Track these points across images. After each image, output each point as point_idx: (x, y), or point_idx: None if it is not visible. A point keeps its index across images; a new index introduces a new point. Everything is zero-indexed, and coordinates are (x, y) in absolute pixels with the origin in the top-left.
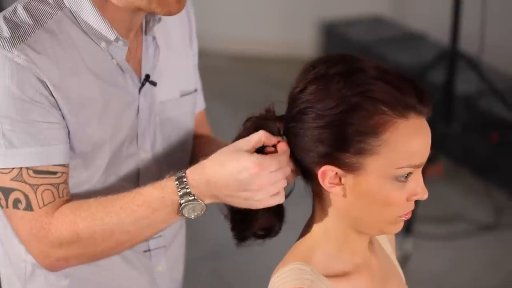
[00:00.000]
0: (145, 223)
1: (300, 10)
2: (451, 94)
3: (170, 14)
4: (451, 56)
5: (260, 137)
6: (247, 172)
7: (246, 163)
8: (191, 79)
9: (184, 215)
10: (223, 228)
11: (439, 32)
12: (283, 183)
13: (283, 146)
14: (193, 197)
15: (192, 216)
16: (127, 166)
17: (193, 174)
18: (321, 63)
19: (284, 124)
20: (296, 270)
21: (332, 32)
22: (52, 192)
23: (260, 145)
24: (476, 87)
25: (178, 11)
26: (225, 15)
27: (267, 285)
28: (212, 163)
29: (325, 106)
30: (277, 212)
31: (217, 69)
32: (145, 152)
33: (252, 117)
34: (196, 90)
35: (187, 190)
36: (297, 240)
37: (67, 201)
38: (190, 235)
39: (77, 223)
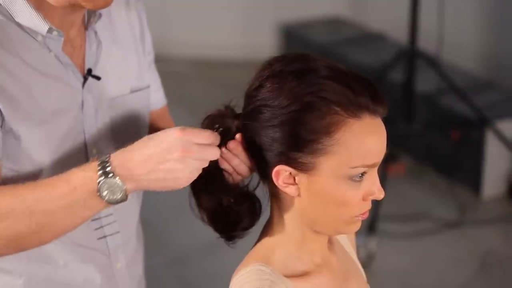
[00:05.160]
0: (65, 203)
1: (259, 13)
2: (411, 93)
3: (94, 8)
4: (410, 55)
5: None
6: (170, 137)
7: (170, 131)
8: (143, 75)
9: (103, 197)
10: (186, 234)
11: (398, 31)
12: (205, 163)
13: (234, 144)
14: (112, 176)
15: (111, 199)
16: (76, 163)
17: (116, 153)
18: (278, 61)
19: (241, 121)
20: (256, 271)
21: (291, 34)
22: None
23: None
24: (436, 85)
25: (103, 5)
26: (184, 20)
27: None
28: (140, 141)
29: (279, 104)
30: (254, 209)
31: (178, 74)
32: (95, 148)
33: (210, 115)
34: (148, 87)
35: (107, 169)
36: (257, 241)
37: None
38: (153, 241)
39: None
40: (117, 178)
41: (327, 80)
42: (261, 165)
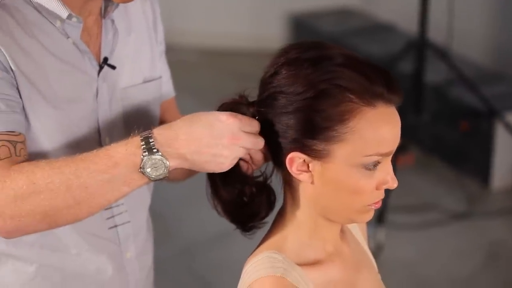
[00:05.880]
0: (105, 178)
1: (268, 3)
2: (420, 84)
3: (123, 1)
4: (420, 46)
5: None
6: (221, 123)
7: (220, 116)
8: (156, 66)
9: (145, 173)
10: (195, 224)
11: (408, 22)
12: (245, 151)
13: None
14: (156, 152)
15: (154, 175)
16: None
17: (159, 130)
18: (293, 48)
19: (256, 108)
20: (269, 258)
21: (300, 24)
22: (9, 149)
23: None
24: (445, 76)
25: None
26: (194, 9)
27: None
28: (183, 120)
29: (294, 91)
30: (270, 199)
31: (186, 63)
32: (109, 137)
33: (225, 102)
34: (160, 77)
35: (151, 145)
36: (269, 229)
37: (24, 161)
38: (161, 231)
39: (34, 172)
40: (161, 154)
41: (342, 68)
42: (276, 152)
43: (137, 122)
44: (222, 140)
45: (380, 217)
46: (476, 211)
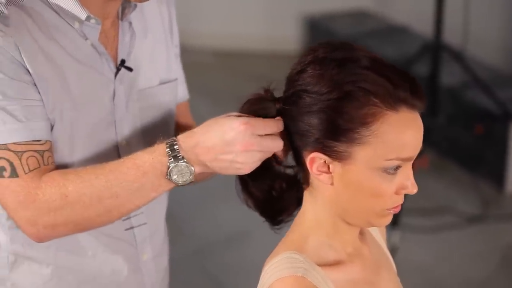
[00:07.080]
0: (134, 187)
1: (283, 5)
2: (435, 87)
3: (139, 0)
4: (435, 49)
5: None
6: (233, 131)
7: (233, 123)
8: (172, 68)
9: (172, 180)
10: (208, 225)
11: (423, 24)
12: (268, 153)
13: (279, 124)
14: (182, 159)
15: (180, 182)
16: (107, 153)
17: (183, 138)
18: (322, 47)
19: (282, 105)
20: (289, 259)
21: (315, 26)
22: (37, 159)
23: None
24: (461, 79)
25: None
26: (209, 10)
27: (256, 280)
28: (202, 128)
29: (318, 91)
30: (298, 194)
31: (201, 65)
32: (125, 139)
33: (250, 99)
34: (176, 79)
35: (176, 153)
36: (290, 229)
37: (53, 169)
38: (175, 232)
39: (65, 186)
40: (186, 161)
41: (367, 71)
42: (297, 151)
43: (154, 123)
44: (235, 148)
45: (394, 220)
46: (491, 214)
